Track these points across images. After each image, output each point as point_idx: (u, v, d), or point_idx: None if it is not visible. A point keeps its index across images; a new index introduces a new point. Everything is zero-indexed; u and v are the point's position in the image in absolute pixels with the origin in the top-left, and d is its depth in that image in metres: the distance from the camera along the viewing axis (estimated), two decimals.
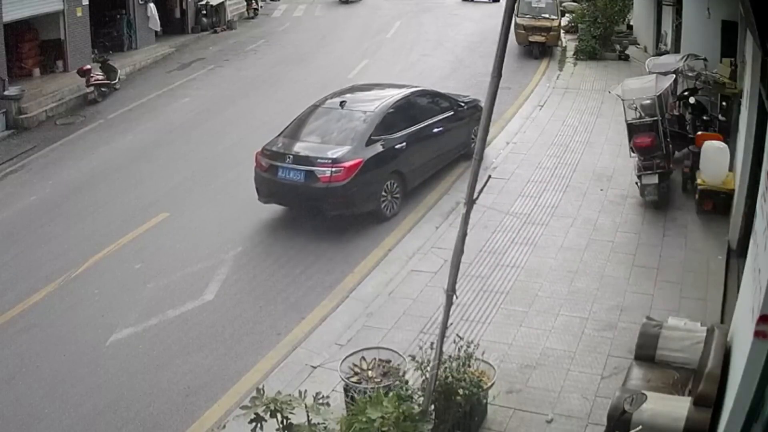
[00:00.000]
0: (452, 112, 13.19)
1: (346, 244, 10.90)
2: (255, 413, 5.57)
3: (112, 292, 10.07)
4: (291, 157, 11.21)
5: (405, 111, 12.29)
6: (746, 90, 9.73)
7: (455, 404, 6.32)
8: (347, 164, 10.93)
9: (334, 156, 11.03)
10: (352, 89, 13.56)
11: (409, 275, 9.83)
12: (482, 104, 13.62)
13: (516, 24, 20.99)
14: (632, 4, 23.55)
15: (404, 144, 11.79)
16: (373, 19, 27.79)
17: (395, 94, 12.61)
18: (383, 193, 11.44)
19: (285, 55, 23.26)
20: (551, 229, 10.91)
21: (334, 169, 10.89)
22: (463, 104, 13.70)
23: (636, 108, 11.81)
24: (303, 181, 11.04)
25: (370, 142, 11.36)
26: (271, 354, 8.51)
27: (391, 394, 6.09)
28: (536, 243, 10.51)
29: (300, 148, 11.47)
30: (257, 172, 11.60)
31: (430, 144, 12.52)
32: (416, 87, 13.44)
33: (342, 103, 12.12)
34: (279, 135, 12.04)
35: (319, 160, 11.03)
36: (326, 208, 11.11)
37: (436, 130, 12.64)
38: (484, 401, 6.83)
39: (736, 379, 4.94)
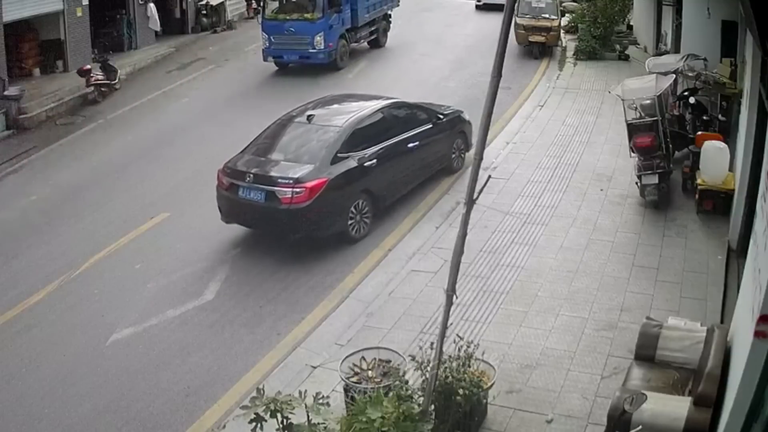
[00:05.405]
0: (430, 125, 12.44)
1: (347, 244, 10.88)
2: (255, 413, 5.58)
3: (112, 292, 10.08)
4: (251, 176, 10.57)
5: (377, 125, 11.58)
6: (746, 90, 9.73)
7: (455, 404, 6.32)
8: (310, 184, 10.24)
9: (297, 175, 10.35)
10: (325, 101, 12.77)
11: (409, 275, 9.83)
12: (465, 115, 13.61)
13: (516, 24, 20.96)
14: (632, 4, 23.52)
15: (375, 161, 11.06)
16: None
17: (367, 107, 11.90)
18: (351, 214, 10.77)
19: None
20: (551, 229, 10.91)
21: (296, 190, 10.21)
22: (442, 116, 12.90)
23: (636, 108, 11.81)
24: (263, 201, 10.42)
25: (336, 160, 10.66)
26: (271, 354, 8.52)
27: (391, 394, 6.10)
28: (536, 243, 10.52)
29: (262, 166, 10.83)
30: (218, 191, 11.04)
31: (405, 160, 11.81)
32: (392, 99, 12.68)
33: (309, 117, 11.39)
34: (241, 151, 11.42)
35: (280, 180, 10.37)
36: (288, 230, 10.55)
37: (411, 144, 11.89)
38: (484, 401, 6.83)
39: (736, 379, 4.94)
